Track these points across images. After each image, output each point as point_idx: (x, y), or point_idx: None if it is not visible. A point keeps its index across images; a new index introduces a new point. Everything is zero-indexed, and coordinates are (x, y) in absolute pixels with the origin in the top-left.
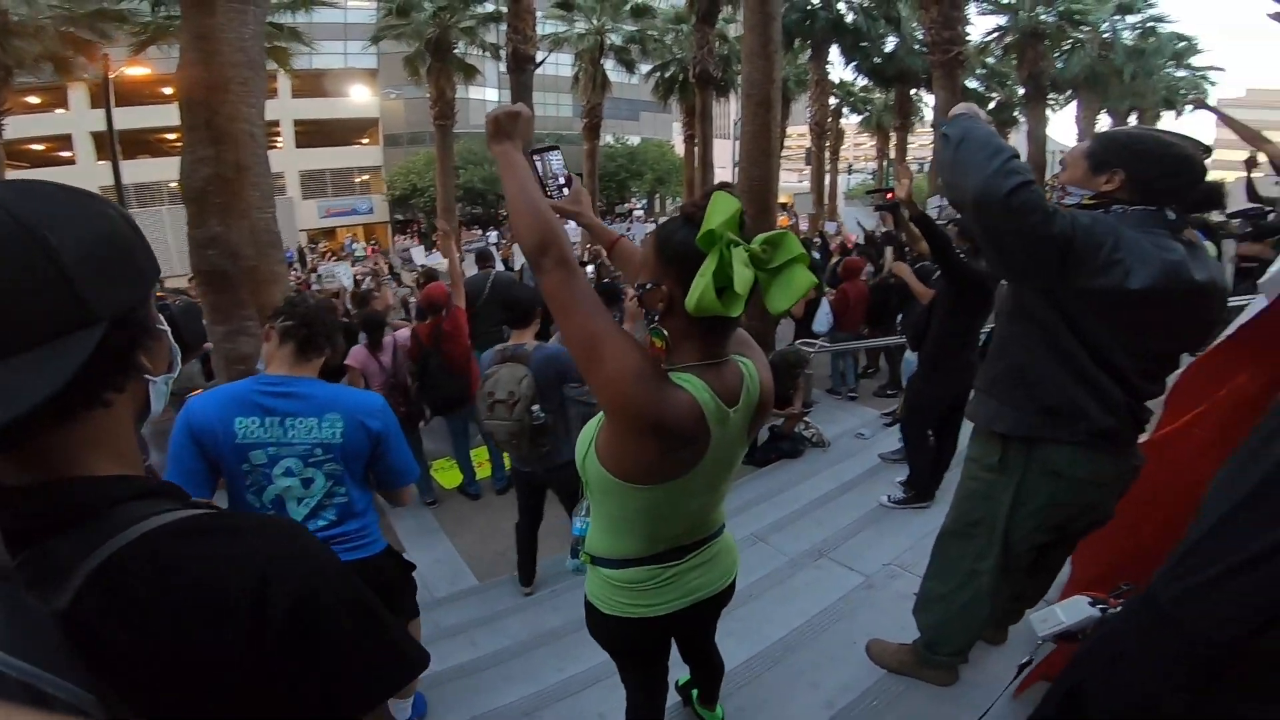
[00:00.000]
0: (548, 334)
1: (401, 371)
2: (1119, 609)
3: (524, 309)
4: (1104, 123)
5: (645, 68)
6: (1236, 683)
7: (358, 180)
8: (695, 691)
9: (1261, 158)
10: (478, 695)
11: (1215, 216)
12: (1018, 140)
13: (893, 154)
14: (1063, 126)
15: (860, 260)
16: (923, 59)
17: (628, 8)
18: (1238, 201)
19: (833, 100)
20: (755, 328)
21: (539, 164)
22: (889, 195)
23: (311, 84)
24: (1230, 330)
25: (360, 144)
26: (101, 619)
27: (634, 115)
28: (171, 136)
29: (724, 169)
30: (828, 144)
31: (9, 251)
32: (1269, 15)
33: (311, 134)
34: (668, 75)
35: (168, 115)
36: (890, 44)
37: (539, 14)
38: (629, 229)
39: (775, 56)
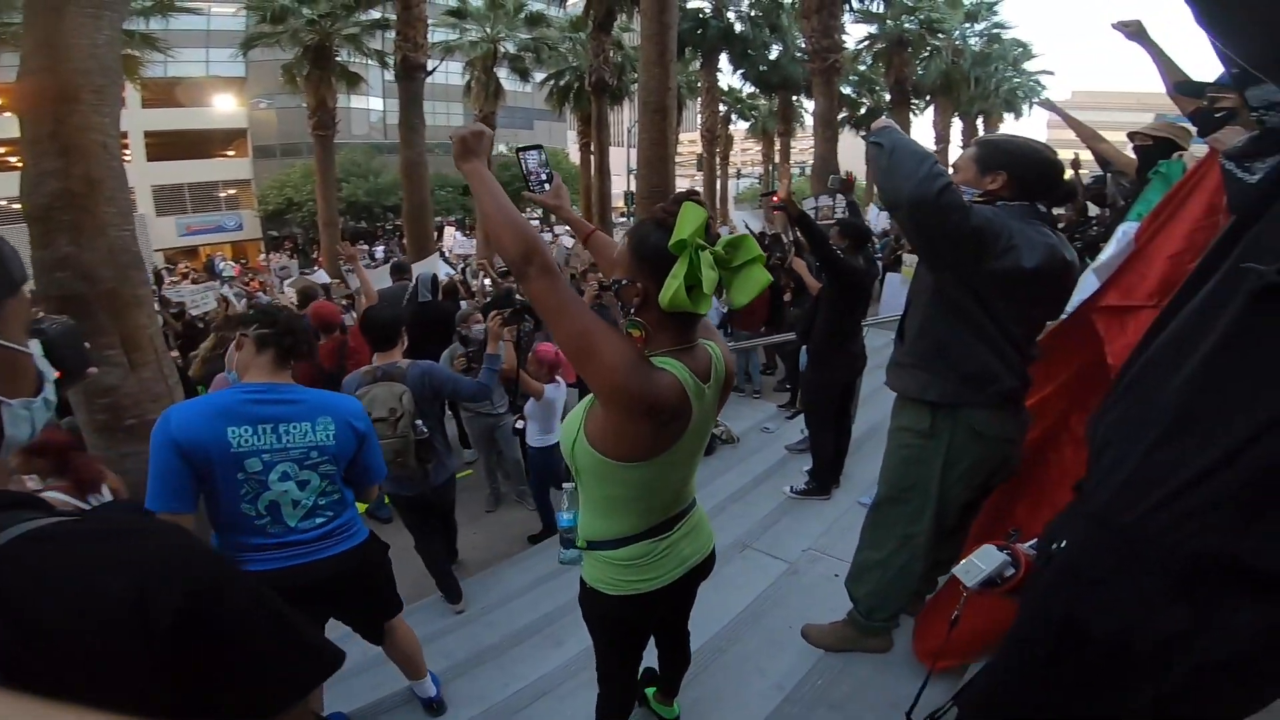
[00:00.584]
0: (422, 353)
1: None
2: (1063, 545)
3: (390, 330)
4: (956, 126)
5: (540, 76)
6: (1226, 587)
7: (224, 195)
8: (651, 690)
9: (1086, 155)
10: None
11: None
12: None
13: (777, 158)
14: (923, 130)
15: None
16: (803, 66)
17: (522, 16)
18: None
19: (722, 107)
20: None
21: (523, 161)
22: (774, 197)
23: (166, 93)
24: (1071, 308)
25: (226, 156)
26: None
27: (528, 124)
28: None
29: (619, 176)
30: (718, 149)
31: None
32: (1113, 25)
33: (166, 146)
34: (563, 83)
35: None
36: (775, 52)
37: (429, 21)
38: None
39: (671, 65)
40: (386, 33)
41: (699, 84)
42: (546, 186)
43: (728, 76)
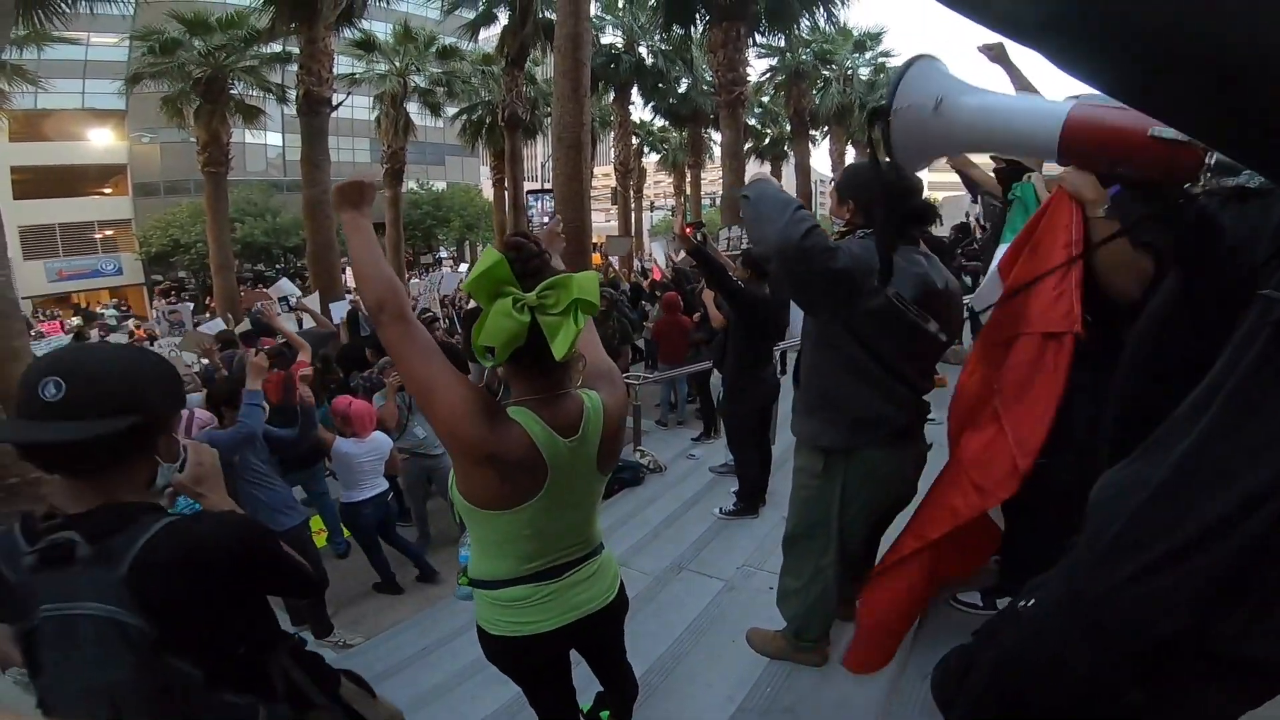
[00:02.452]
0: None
1: None
2: (1031, 609)
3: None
4: (850, 154)
5: (451, 110)
6: (1193, 669)
7: (100, 236)
8: (605, 715)
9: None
10: None
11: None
12: (788, 172)
13: (688, 190)
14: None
15: (675, 295)
16: (711, 99)
17: (434, 50)
18: (953, 218)
19: (634, 140)
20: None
21: (533, 204)
22: (689, 229)
23: (34, 127)
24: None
25: (103, 194)
26: (146, 576)
27: (439, 159)
28: None
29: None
30: (631, 183)
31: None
32: (978, 48)
33: (35, 183)
34: (475, 118)
35: None
36: (684, 86)
37: (335, 52)
38: (441, 279)
39: (585, 100)
40: (289, 66)
41: (612, 118)
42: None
43: (639, 110)
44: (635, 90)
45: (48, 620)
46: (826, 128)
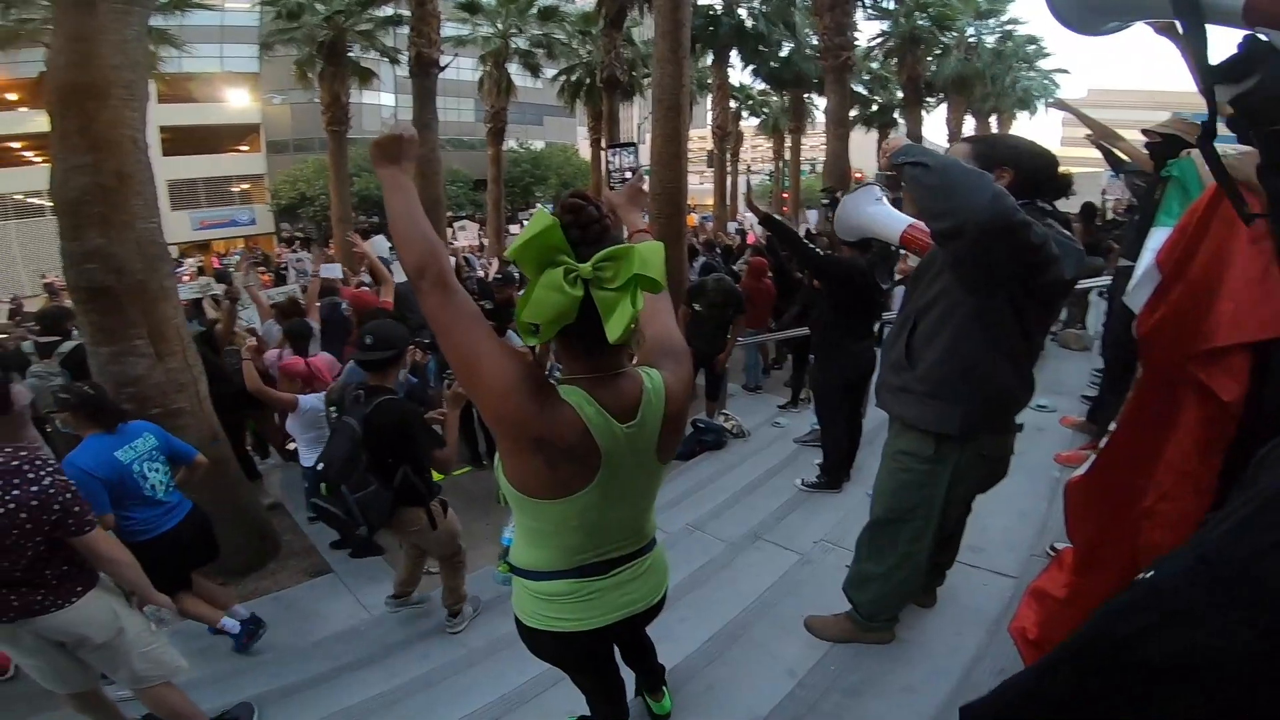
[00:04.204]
0: None
1: None
2: (1150, 574)
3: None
4: (969, 124)
5: (550, 72)
6: None
7: (237, 190)
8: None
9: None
10: None
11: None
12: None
13: (788, 155)
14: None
15: (763, 260)
16: (816, 64)
17: (534, 11)
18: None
19: (733, 103)
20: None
21: (611, 159)
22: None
23: (181, 88)
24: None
25: (239, 151)
26: (370, 418)
27: (538, 120)
28: (15, 145)
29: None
30: (729, 146)
31: None
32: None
33: (181, 141)
34: (574, 79)
35: (13, 123)
36: (787, 49)
37: (442, 16)
38: None
39: (685, 62)
40: (399, 29)
41: (710, 80)
42: (619, 185)
43: (738, 73)
44: (735, 53)
45: (340, 422)
46: (942, 95)
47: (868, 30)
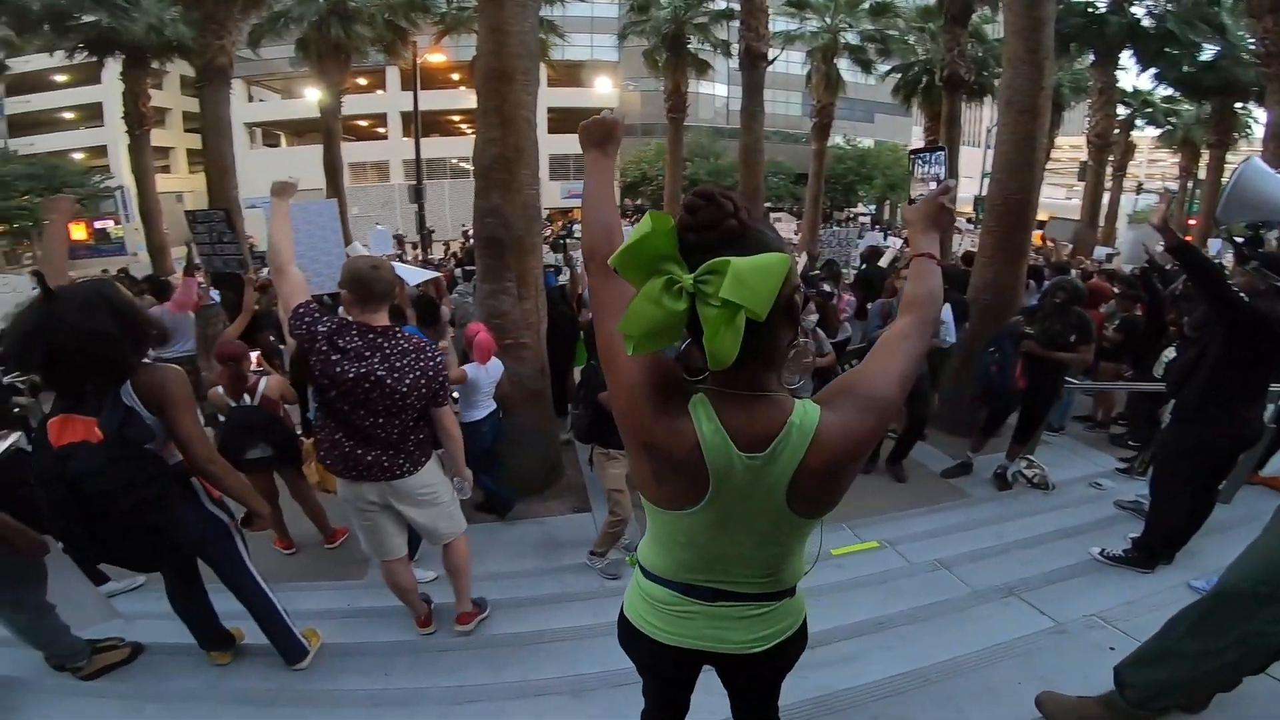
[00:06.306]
0: None
1: None
2: None
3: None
4: None
5: (883, 68)
6: None
7: None
8: None
9: None
10: None
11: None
12: None
13: (1203, 173)
14: None
15: (1105, 286)
16: (1252, 70)
17: (865, 6)
18: None
19: (1121, 110)
20: None
21: (917, 165)
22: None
23: (564, 74)
24: None
25: None
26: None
27: (868, 117)
28: (456, 119)
29: (970, 179)
30: (1111, 158)
31: None
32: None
33: (560, 121)
34: (909, 76)
35: (454, 99)
36: (1209, 52)
37: (770, 11)
38: (860, 237)
39: (1045, 63)
40: (732, 22)
41: (1089, 84)
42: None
43: (1131, 77)
44: (1130, 56)
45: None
46: None
47: None
